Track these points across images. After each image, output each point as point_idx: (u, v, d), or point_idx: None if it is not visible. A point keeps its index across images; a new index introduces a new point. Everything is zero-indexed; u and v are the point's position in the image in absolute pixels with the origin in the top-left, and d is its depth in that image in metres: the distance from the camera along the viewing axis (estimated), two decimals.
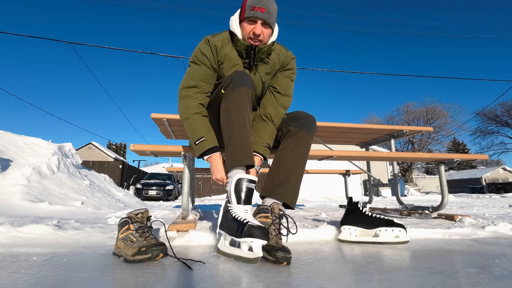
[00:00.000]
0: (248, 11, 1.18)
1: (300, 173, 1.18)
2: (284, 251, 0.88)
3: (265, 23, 1.19)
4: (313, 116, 1.26)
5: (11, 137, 4.79)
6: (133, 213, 1.02)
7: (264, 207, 1.06)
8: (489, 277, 0.77)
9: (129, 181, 16.02)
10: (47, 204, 3.14)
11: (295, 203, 1.18)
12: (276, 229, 0.99)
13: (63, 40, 7.88)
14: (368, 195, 3.37)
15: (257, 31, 1.18)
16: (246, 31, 1.21)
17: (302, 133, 1.19)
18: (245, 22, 1.20)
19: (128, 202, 5.00)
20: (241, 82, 1.09)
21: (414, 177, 28.43)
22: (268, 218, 1.02)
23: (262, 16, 1.17)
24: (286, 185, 1.14)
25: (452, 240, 1.34)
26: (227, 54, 1.25)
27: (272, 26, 1.23)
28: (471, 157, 1.97)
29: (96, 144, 25.42)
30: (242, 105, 1.08)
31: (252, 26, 1.19)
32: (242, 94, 1.08)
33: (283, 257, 0.86)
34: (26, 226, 1.31)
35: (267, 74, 1.30)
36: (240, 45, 1.23)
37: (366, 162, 2.97)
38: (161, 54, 8.75)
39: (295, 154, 1.18)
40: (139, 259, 0.88)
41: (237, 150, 1.05)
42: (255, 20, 1.18)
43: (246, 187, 0.99)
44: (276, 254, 0.87)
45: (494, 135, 27.08)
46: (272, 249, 0.89)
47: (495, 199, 8.29)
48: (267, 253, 0.89)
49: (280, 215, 1.03)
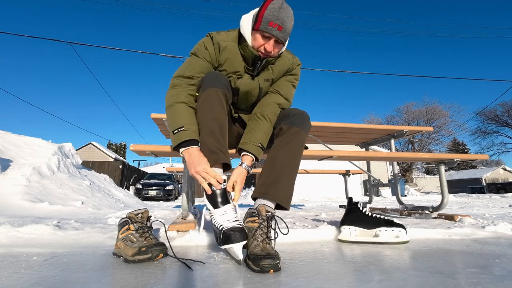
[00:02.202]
0: (265, 25, 1.10)
1: (293, 171, 1.12)
2: (270, 258, 0.81)
3: (278, 41, 1.14)
4: (306, 112, 1.21)
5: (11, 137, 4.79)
6: (133, 213, 1.02)
7: (251, 211, 1.01)
8: (489, 277, 0.77)
9: (129, 181, 16.02)
10: (47, 204, 3.14)
11: (289, 203, 1.09)
12: (263, 233, 0.92)
13: (63, 40, 7.89)
14: (368, 195, 3.37)
15: (268, 48, 1.13)
16: (257, 43, 1.14)
17: (294, 130, 1.13)
18: (259, 33, 1.13)
19: (128, 202, 5.00)
20: (211, 84, 1.07)
21: (414, 177, 28.44)
22: (255, 222, 0.96)
23: (278, 34, 1.10)
24: (278, 184, 1.07)
25: (452, 240, 1.34)
26: (229, 58, 1.20)
27: (285, 43, 1.18)
28: (471, 157, 1.97)
29: (96, 144, 25.42)
30: (212, 106, 1.05)
31: (265, 41, 1.13)
32: (212, 95, 1.06)
33: (268, 265, 0.80)
34: (26, 226, 1.31)
35: (266, 81, 1.27)
36: (248, 52, 1.17)
37: (366, 162, 2.97)
38: (161, 54, 8.77)
39: (287, 151, 1.11)
40: (139, 259, 0.88)
41: (207, 152, 1.02)
42: (270, 37, 1.12)
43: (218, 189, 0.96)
44: (260, 264, 0.80)
45: (494, 135, 27.11)
46: (257, 257, 0.82)
47: (495, 199, 8.29)
48: (252, 263, 0.83)
49: (268, 217, 0.97)
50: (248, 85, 1.24)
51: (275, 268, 0.81)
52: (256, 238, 0.91)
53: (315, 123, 2.20)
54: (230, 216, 0.93)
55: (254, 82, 1.24)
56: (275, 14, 1.08)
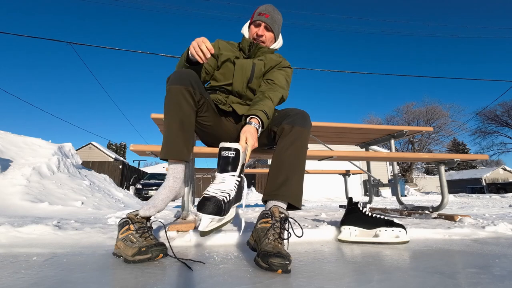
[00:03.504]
0: (256, 16, 1.39)
1: (301, 170, 1.13)
2: (280, 256, 0.79)
3: (267, 27, 1.38)
4: (305, 111, 1.23)
5: (11, 137, 4.79)
6: (133, 214, 1.02)
7: (264, 212, 1.00)
8: (489, 277, 0.77)
9: (129, 181, 16.02)
10: (47, 204, 3.14)
11: (301, 202, 1.11)
12: (275, 233, 0.92)
13: (63, 40, 7.87)
14: (368, 195, 3.37)
15: (260, 32, 1.38)
16: (251, 32, 1.40)
17: (296, 129, 1.14)
18: (253, 25, 1.40)
19: (128, 202, 5.00)
20: (175, 81, 1.11)
21: (414, 177, 28.42)
22: (268, 223, 0.95)
23: (266, 20, 1.36)
24: (288, 185, 1.07)
25: (452, 240, 1.34)
26: (227, 45, 1.41)
27: (274, 32, 1.40)
28: (471, 157, 1.97)
29: (96, 144, 25.41)
30: (175, 104, 1.10)
31: (257, 28, 1.39)
32: (175, 92, 1.10)
33: (277, 264, 0.78)
34: (26, 226, 1.31)
35: (259, 60, 1.38)
36: (244, 42, 1.40)
37: (366, 162, 2.97)
38: (161, 54, 8.75)
39: (293, 151, 1.12)
40: (139, 259, 0.88)
41: (163, 145, 1.09)
42: (260, 24, 1.38)
43: (221, 155, 0.96)
44: (269, 261, 0.79)
45: (494, 135, 27.09)
46: (266, 254, 0.81)
47: (495, 199, 8.29)
48: (261, 260, 0.81)
49: (282, 218, 0.96)
50: (242, 61, 1.38)
51: (284, 268, 0.79)
52: (268, 237, 0.90)
53: (315, 123, 2.20)
54: (224, 186, 0.92)
55: (247, 61, 1.38)
56: (263, 7, 1.40)
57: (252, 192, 13.97)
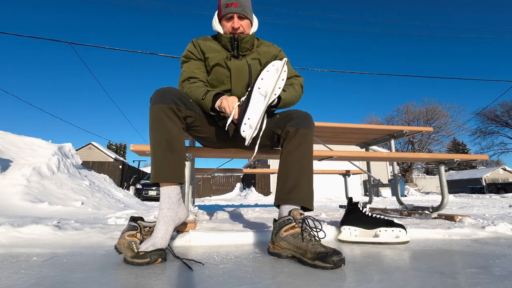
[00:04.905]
0: (224, 9, 1.29)
1: (309, 172, 1.14)
2: (336, 254, 0.85)
3: (240, 16, 1.30)
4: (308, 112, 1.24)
5: (11, 137, 4.80)
6: (143, 224, 1.01)
7: (286, 218, 1.00)
8: (489, 277, 0.77)
9: (129, 181, 16.03)
10: (47, 205, 3.14)
11: (312, 203, 1.13)
12: (311, 234, 0.95)
13: (63, 41, 7.85)
14: (368, 195, 3.37)
15: (235, 25, 1.29)
16: (226, 28, 1.32)
17: (301, 131, 1.15)
18: (223, 20, 1.31)
19: (128, 203, 5.00)
20: (157, 100, 1.06)
21: (414, 177, 28.43)
22: (295, 227, 0.97)
23: (236, 10, 1.27)
24: (299, 188, 1.09)
25: (452, 240, 1.34)
26: (210, 45, 1.34)
27: (248, 17, 1.32)
28: (471, 157, 1.97)
29: (96, 144, 25.43)
30: (159, 123, 1.05)
31: (230, 22, 1.30)
32: (158, 112, 1.05)
33: (340, 261, 0.85)
34: (26, 227, 1.31)
35: (253, 59, 1.35)
36: (224, 39, 1.33)
37: (366, 162, 2.97)
38: (161, 54, 8.74)
39: (300, 153, 1.13)
40: (137, 263, 0.89)
41: (151, 168, 1.05)
42: (232, 16, 1.29)
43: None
44: (333, 260, 0.84)
45: (494, 135, 27.09)
46: (326, 255, 0.85)
47: (495, 199, 8.29)
48: (321, 261, 0.85)
49: (303, 219, 0.99)
50: (236, 63, 1.33)
51: (344, 262, 0.86)
52: (309, 240, 0.93)
53: (315, 123, 2.19)
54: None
55: (242, 61, 1.34)
56: None
57: (252, 192, 13.97)
